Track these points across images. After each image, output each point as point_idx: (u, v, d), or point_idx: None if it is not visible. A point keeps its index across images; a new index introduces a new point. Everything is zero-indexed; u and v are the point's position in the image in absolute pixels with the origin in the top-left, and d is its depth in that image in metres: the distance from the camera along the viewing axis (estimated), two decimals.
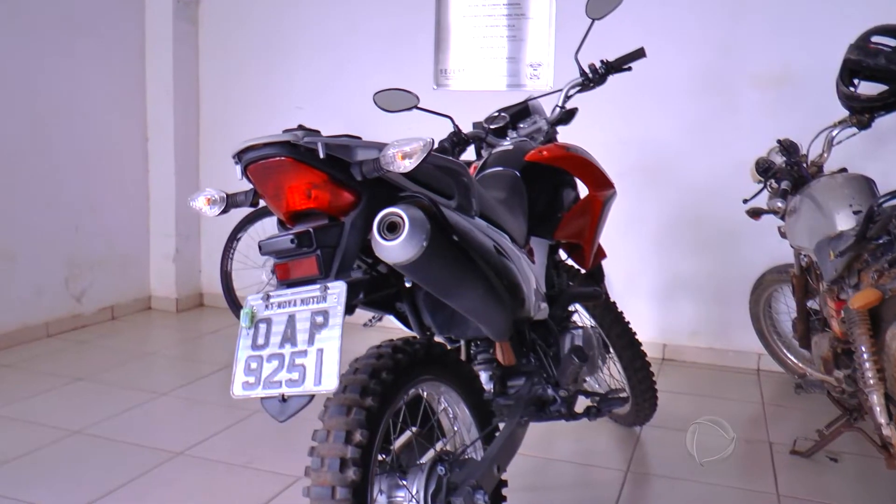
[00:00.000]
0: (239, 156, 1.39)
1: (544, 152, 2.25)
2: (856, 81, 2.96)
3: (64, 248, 4.10)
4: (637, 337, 2.73)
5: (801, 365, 3.59)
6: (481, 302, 1.61)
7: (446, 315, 1.85)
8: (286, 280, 1.38)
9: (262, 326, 1.35)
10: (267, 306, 1.37)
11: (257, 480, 2.45)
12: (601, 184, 2.44)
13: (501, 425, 1.86)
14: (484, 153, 2.52)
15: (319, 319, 1.30)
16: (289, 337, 1.32)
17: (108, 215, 4.37)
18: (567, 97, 2.56)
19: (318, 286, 1.33)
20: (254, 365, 1.32)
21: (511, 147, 2.35)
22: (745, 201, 3.12)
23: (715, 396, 3.44)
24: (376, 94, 2.48)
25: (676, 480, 2.54)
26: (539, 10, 4.09)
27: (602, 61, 2.54)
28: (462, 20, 4.23)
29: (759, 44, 3.71)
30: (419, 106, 2.49)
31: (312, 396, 1.31)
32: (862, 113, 2.96)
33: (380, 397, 1.40)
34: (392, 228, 1.33)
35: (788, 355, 3.63)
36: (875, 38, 2.87)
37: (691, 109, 3.84)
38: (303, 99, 4.52)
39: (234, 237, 4.19)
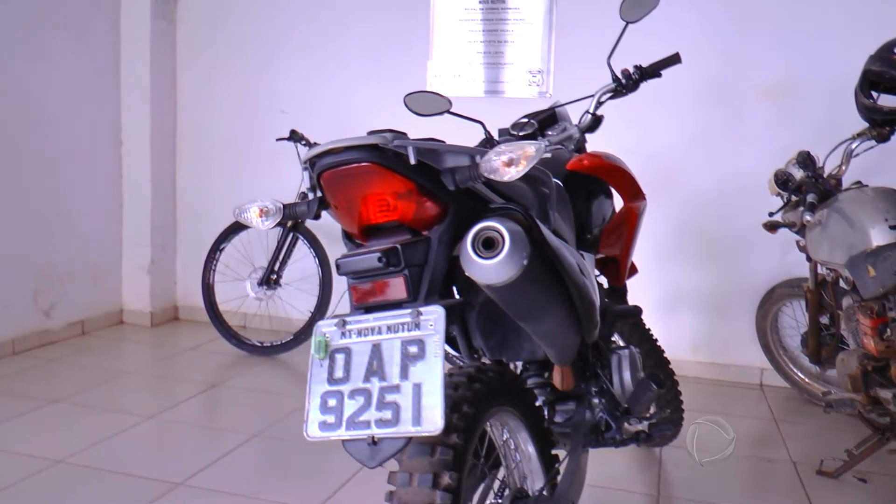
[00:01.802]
0: (312, 161, 1.22)
1: (584, 161, 2.13)
2: (874, 94, 2.92)
3: (33, 259, 3.82)
4: (665, 355, 2.62)
5: (807, 381, 3.54)
6: (560, 325, 1.47)
7: (499, 337, 1.70)
8: (365, 304, 1.21)
9: (340, 357, 1.18)
10: (343, 334, 1.19)
11: None
12: (636, 194, 2.34)
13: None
14: None
15: (413, 350, 1.13)
16: (375, 370, 1.14)
17: (80, 224, 4.09)
18: (599, 103, 2.44)
19: (408, 311, 1.16)
20: (332, 402, 1.15)
21: (549, 155, 2.21)
22: (771, 214, 3.04)
23: (724, 413, 3.35)
24: (407, 95, 2.33)
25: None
26: (538, 16, 3.98)
27: (636, 66, 2.42)
28: (458, 24, 4.09)
29: (765, 54, 3.66)
30: (451, 111, 2.33)
31: (410, 439, 1.13)
32: (883, 125, 2.92)
33: (464, 433, 1.24)
34: (489, 245, 1.18)
35: (795, 371, 3.57)
36: None
37: (695, 119, 3.77)
38: (288, 102, 4.32)
39: (216, 248, 3.97)
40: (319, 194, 1.32)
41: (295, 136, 3.87)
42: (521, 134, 2.40)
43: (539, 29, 3.98)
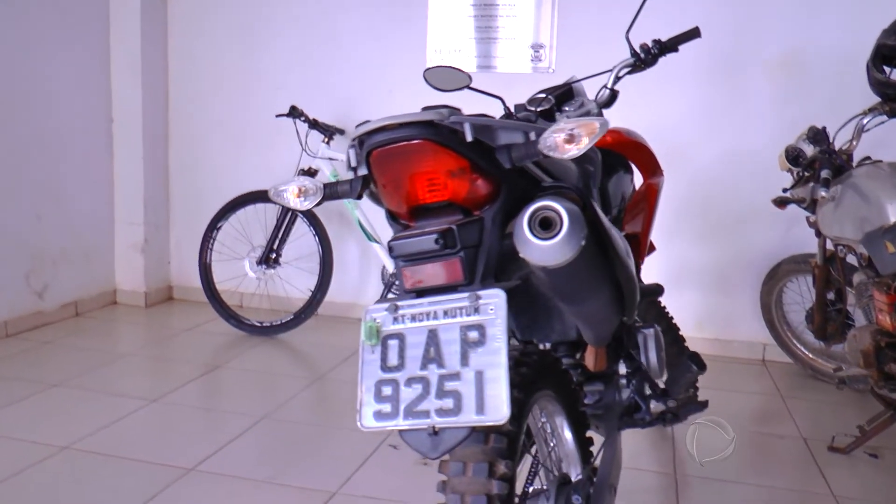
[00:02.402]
0: (361, 139, 1.16)
1: (607, 137, 2.10)
2: (885, 69, 2.90)
3: (24, 240, 3.72)
4: (681, 332, 2.60)
5: (811, 356, 3.55)
6: (605, 306, 1.43)
7: (530, 317, 1.67)
8: (417, 288, 1.16)
9: (393, 344, 1.13)
10: (396, 319, 1.14)
11: (288, 498, 2.21)
12: (654, 170, 2.31)
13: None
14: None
15: (473, 336, 1.09)
16: (433, 357, 1.10)
17: (71, 203, 3.98)
18: (617, 78, 2.38)
19: (465, 295, 1.12)
20: (387, 391, 1.10)
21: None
22: (785, 190, 3.02)
23: (731, 390, 3.35)
24: (427, 70, 2.25)
25: (727, 483, 2.43)
26: None
27: (654, 41, 2.37)
28: None
29: (771, 30, 3.62)
30: (471, 86, 2.27)
31: (472, 429, 1.09)
32: (895, 100, 2.90)
33: (516, 420, 1.20)
34: (546, 225, 1.13)
35: (799, 346, 3.58)
36: None
37: (700, 95, 3.73)
38: (284, 78, 4.22)
39: (213, 227, 3.89)
40: (363, 172, 1.26)
41: (295, 113, 3.78)
42: (538, 110, 2.34)
43: (542, 3, 3.90)
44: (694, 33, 2.39)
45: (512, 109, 2.51)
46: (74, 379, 3.11)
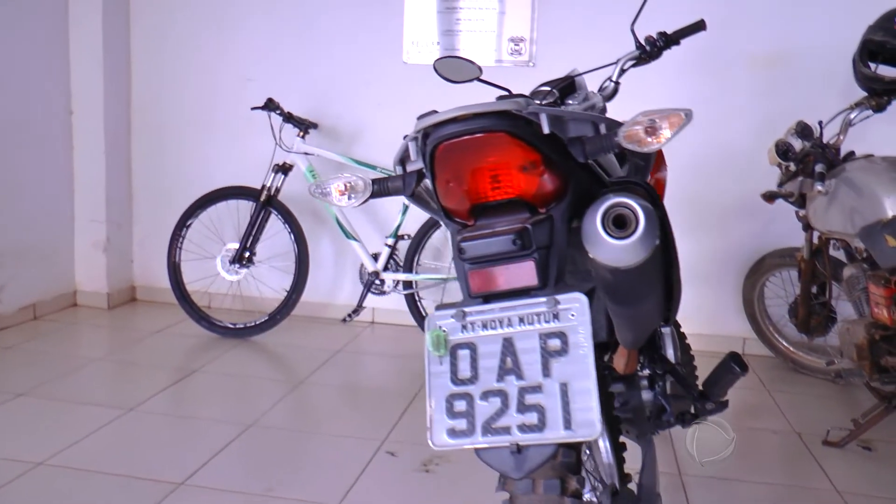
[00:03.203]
0: (425, 131, 1.07)
1: None
2: (871, 64, 2.92)
3: None
4: (682, 329, 2.57)
5: (792, 350, 3.58)
6: (653, 309, 1.36)
7: None
8: (486, 292, 1.07)
9: (464, 354, 1.04)
10: (465, 327, 1.05)
11: None
12: (660, 164, 2.26)
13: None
14: None
15: (555, 344, 1.00)
16: (510, 367, 1.01)
17: (28, 200, 3.76)
18: (622, 71, 2.33)
19: (542, 299, 1.03)
20: (461, 406, 1.01)
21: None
22: (781, 185, 3.02)
23: None
24: (437, 60, 2.16)
25: (732, 482, 2.41)
26: None
27: (660, 34, 2.33)
28: None
29: (755, 23, 3.62)
30: (481, 78, 2.19)
31: (559, 446, 1.01)
32: (881, 95, 2.92)
33: None
34: (620, 223, 1.06)
35: (780, 340, 3.60)
36: None
37: (685, 88, 3.71)
38: (254, 69, 4.06)
39: (182, 224, 3.72)
40: (415, 167, 1.16)
41: (271, 106, 3.63)
42: (543, 103, 2.27)
43: None
44: (699, 26, 2.37)
45: None
46: (41, 387, 2.92)
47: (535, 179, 1.09)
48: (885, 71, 2.90)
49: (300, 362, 3.45)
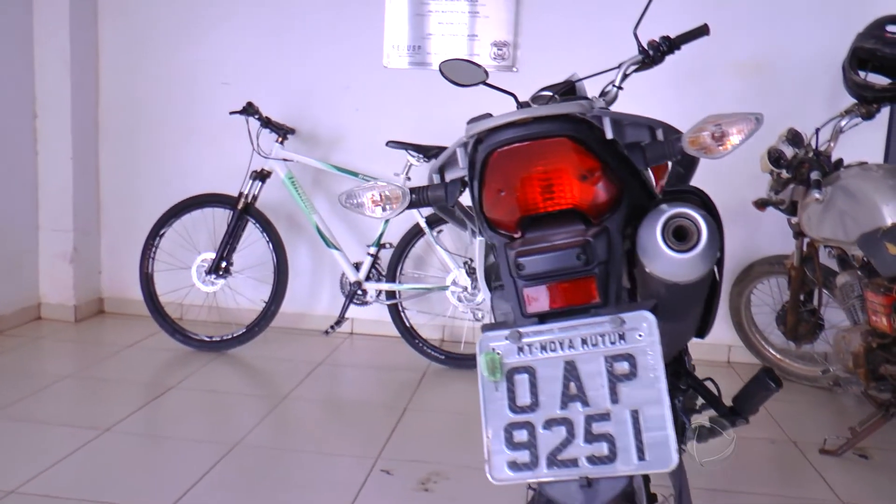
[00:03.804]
0: (479, 136, 0.99)
1: None
2: (860, 72, 2.92)
3: None
4: None
5: (779, 357, 3.57)
6: (693, 323, 1.30)
7: None
8: (542, 311, 0.99)
9: (522, 379, 0.95)
10: (521, 349, 0.97)
11: None
12: (663, 172, 2.21)
13: None
14: None
15: (622, 367, 0.93)
16: (574, 393, 0.93)
17: None
18: (625, 76, 2.28)
19: (606, 318, 0.96)
20: (522, 436, 0.93)
21: None
22: (777, 192, 3.00)
23: None
24: (443, 62, 2.07)
25: (734, 493, 2.37)
26: None
27: (663, 38, 2.28)
28: None
29: (741, 31, 3.62)
30: (487, 82, 2.11)
31: (632, 478, 0.93)
32: (871, 103, 2.92)
33: None
34: (680, 235, 0.99)
35: (767, 347, 3.59)
36: (891, 28, 2.82)
37: (669, 95, 3.69)
38: (229, 72, 3.92)
39: (156, 233, 3.56)
40: (456, 175, 1.08)
41: (249, 110, 3.50)
42: None
43: (505, 0, 3.78)
44: (702, 31, 2.33)
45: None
46: (8, 408, 2.75)
47: (591, 189, 1.02)
48: (874, 79, 2.91)
49: (281, 376, 3.32)
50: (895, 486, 2.47)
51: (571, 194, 1.02)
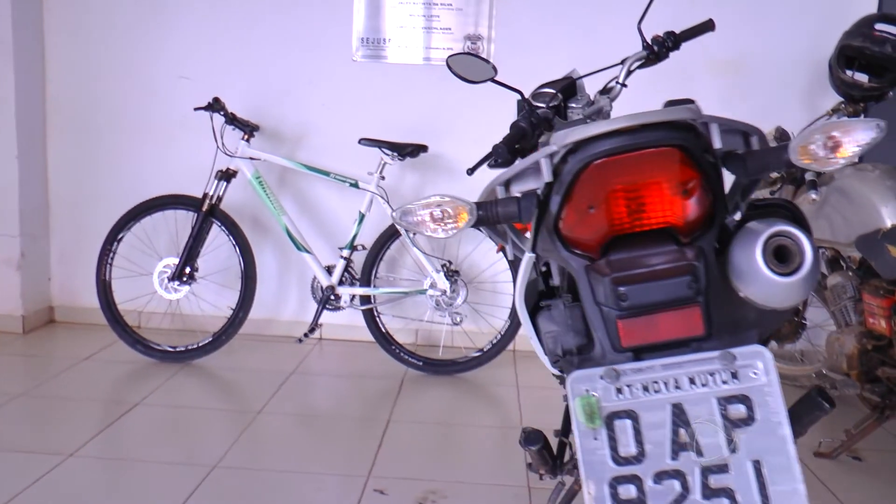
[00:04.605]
0: (573, 146, 0.86)
1: None
2: (847, 71, 2.90)
3: None
4: None
5: None
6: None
7: None
8: (639, 345, 0.87)
9: (624, 426, 0.84)
10: (620, 391, 0.85)
11: None
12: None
13: None
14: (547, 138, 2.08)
15: (738, 411, 0.82)
16: (685, 442, 0.82)
17: None
18: (629, 72, 2.19)
19: (714, 355, 0.84)
20: (629, 492, 0.81)
21: None
22: (773, 193, 2.95)
23: None
24: (450, 57, 1.97)
25: None
26: None
27: (667, 33, 2.20)
28: None
29: (720, 30, 3.53)
30: (496, 79, 1.99)
31: None
32: (858, 101, 2.91)
33: None
34: (782, 256, 0.88)
35: None
36: (879, 26, 2.80)
37: (647, 94, 3.60)
38: (189, 66, 3.70)
39: (113, 238, 3.33)
40: (526, 188, 0.95)
41: (216, 106, 3.30)
42: (550, 106, 2.09)
43: None
44: (707, 26, 2.27)
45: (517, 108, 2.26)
46: None
47: (689, 204, 0.90)
48: (860, 77, 2.88)
49: (253, 388, 3.14)
50: (890, 488, 2.45)
51: (667, 210, 0.90)
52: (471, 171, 2.02)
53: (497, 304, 3.60)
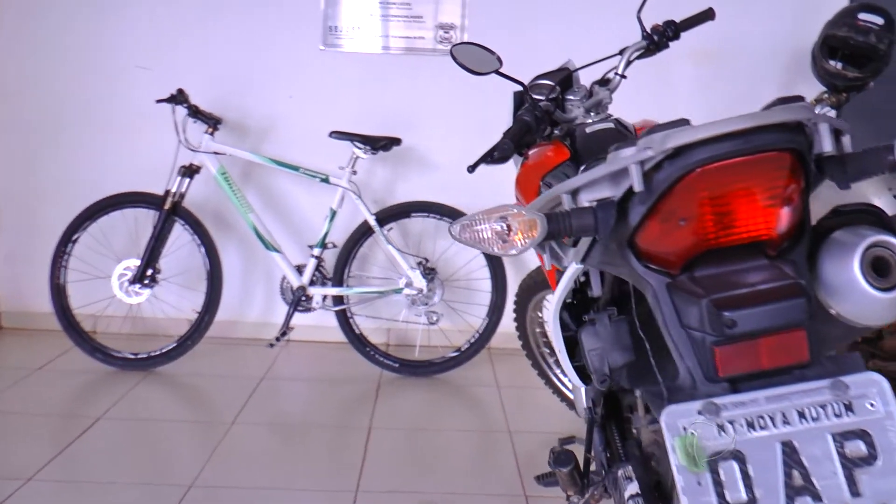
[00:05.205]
0: (678, 150, 0.75)
1: None
2: (831, 61, 2.87)
3: None
4: None
5: None
6: None
7: (641, 362, 1.34)
8: (738, 374, 0.77)
9: (731, 468, 0.73)
10: (722, 428, 0.75)
11: None
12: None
13: None
14: (557, 131, 1.98)
15: (857, 448, 0.73)
16: (799, 485, 0.72)
17: None
18: (628, 63, 2.11)
19: (824, 384, 0.75)
20: None
21: (611, 126, 1.86)
22: None
23: None
24: (455, 46, 1.85)
25: None
26: None
27: (667, 22, 2.13)
28: None
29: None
30: (500, 71, 1.89)
31: None
32: (841, 92, 2.88)
33: None
34: (881, 269, 0.79)
35: None
36: (862, 16, 2.77)
37: (624, 82, 3.54)
38: (148, 56, 3.48)
39: (68, 239, 3.13)
40: (599, 195, 0.84)
41: (179, 98, 3.11)
42: (549, 97, 1.98)
43: None
44: (708, 15, 2.21)
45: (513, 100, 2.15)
46: None
47: (784, 213, 0.81)
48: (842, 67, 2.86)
49: (223, 396, 2.97)
50: None
51: (761, 221, 0.81)
52: (472, 169, 1.91)
53: (474, 302, 3.48)
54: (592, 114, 1.96)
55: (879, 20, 2.73)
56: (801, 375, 0.80)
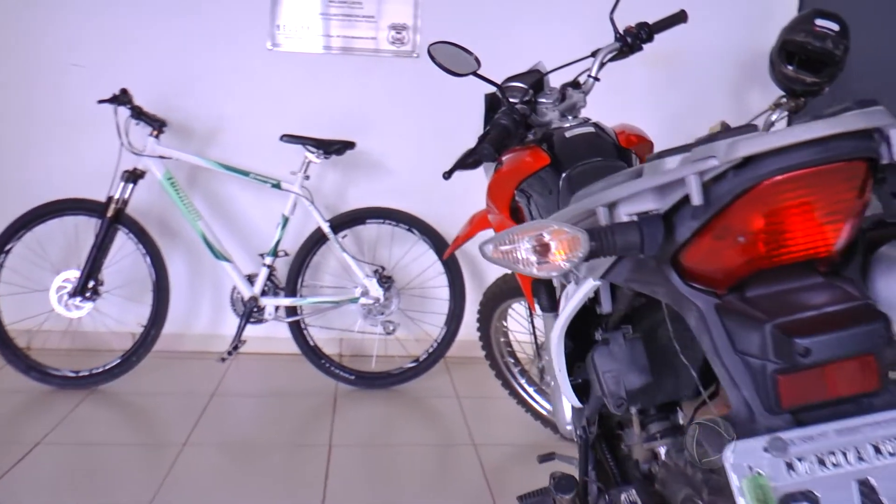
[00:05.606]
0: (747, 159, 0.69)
1: (632, 137, 1.81)
2: (789, 66, 2.89)
3: None
4: None
5: None
6: None
7: (653, 379, 1.29)
8: (802, 404, 0.71)
9: None
10: (790, 466, 0.68)
11: None
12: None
13: None
14: (531, 135, 1.91)
15: None
16: None
17: None
18: (601, 65, 2.07)
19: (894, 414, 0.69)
20: None
21: (592, 130, 1.81)
22: None
23: None
24: (432, 45, 1.77)
25: None
26: None
27: (640, 24, 2.10)
28: None
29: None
30: (478, 73, 1.81)
31: None
32: (799, 96, 2.91)
33: None
34: None
35: None
36: (819, 22, 2.79)
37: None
38: (83, 53, 3.27)
39: (0, 249, 2.91)
40: (645, 207, 0.76)
41: (122, 99, 2.94)
42: (523, 101, 1.91)
43: None
44: (680, 17, 2.20)
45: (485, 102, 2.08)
46: None
47: (844, 228, 0.75)
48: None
49: (172, 415, 2.81)
50: None
51: (825, 237, 0.75)
52: (448, 175, 1.83)
53: (431, 311, 3.39)
54: (569, 117, 1.90)
55: (835, 26, 2.76)
56: (869, 405, 0.74)
